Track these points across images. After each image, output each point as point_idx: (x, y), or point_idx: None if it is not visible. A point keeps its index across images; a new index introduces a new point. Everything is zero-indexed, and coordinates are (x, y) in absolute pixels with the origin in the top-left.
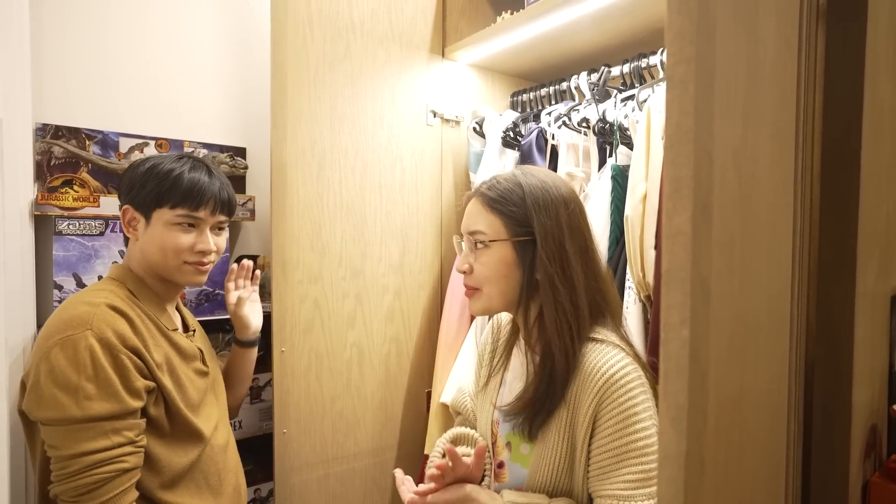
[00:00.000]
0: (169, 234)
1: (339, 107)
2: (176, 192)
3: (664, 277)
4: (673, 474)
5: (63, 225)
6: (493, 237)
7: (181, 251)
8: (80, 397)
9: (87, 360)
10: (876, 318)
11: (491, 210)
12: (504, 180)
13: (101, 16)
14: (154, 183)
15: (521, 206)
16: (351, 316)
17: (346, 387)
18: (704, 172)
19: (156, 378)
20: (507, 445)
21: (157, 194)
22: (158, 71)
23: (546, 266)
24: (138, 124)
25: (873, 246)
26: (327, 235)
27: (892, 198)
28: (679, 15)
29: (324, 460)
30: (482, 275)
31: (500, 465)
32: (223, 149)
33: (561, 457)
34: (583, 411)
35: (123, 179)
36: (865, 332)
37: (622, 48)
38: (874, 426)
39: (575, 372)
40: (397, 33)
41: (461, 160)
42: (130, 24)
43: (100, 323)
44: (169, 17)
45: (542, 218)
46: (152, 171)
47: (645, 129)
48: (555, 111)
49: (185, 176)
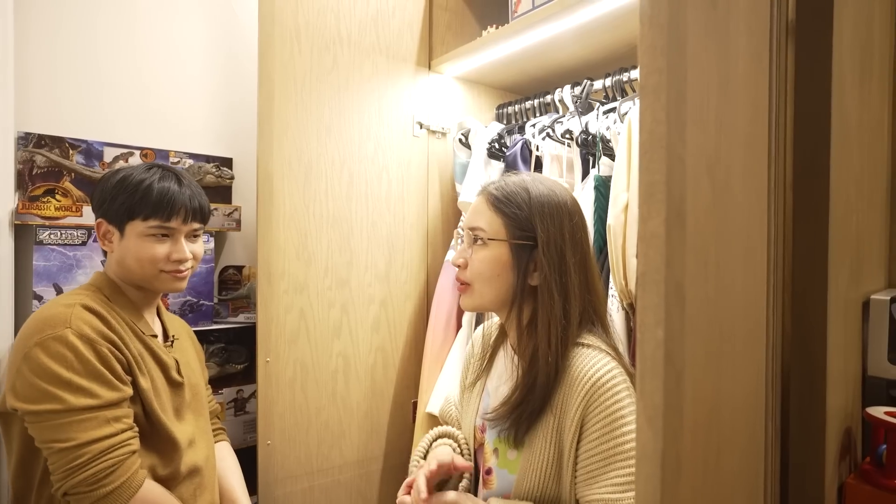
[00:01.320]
0: (144, 245)
1: (326, 118)
2: (146, 204)
3: (640, 280)
4: (649, 472)
5: (44, 234)
6: (491, 236)
7: (157, 261)
8: (74, 388)
9: (70, 355)
10: (849, 324)
11: (494, 209)
12: (512, 183)
13: (88, 24)
14: (125, 196)
15: (524, 210)
16: (337, 326)
17: (332, 397)
18: (677, 178)
19: (133, 374)
20: (495, 452)
21: (129, 207)
22: (145, 80)
23: (545, 273)
24: (123, 134)
25: (844, 253)
26: (313, 245)
27: (861, 207)
28: (651, 28)
29: (308, 472)
30: (476, 271)
31: (489, 471)
32: (209, 159)
33: (548, 462)
34: (570, 416)
35: (95, 193)
36: (839, 337)
37: (604, 62)
38: (849, 429)
39: (561, 377)
40: (384, 46)
41: (447, 171)
42: (118, 33)
43: (77, 321)
44: (157, 27)
45: (546, 224)
46: (122, 183)
47: (626, 140)
48: (539, 123)
49: (154, 186)
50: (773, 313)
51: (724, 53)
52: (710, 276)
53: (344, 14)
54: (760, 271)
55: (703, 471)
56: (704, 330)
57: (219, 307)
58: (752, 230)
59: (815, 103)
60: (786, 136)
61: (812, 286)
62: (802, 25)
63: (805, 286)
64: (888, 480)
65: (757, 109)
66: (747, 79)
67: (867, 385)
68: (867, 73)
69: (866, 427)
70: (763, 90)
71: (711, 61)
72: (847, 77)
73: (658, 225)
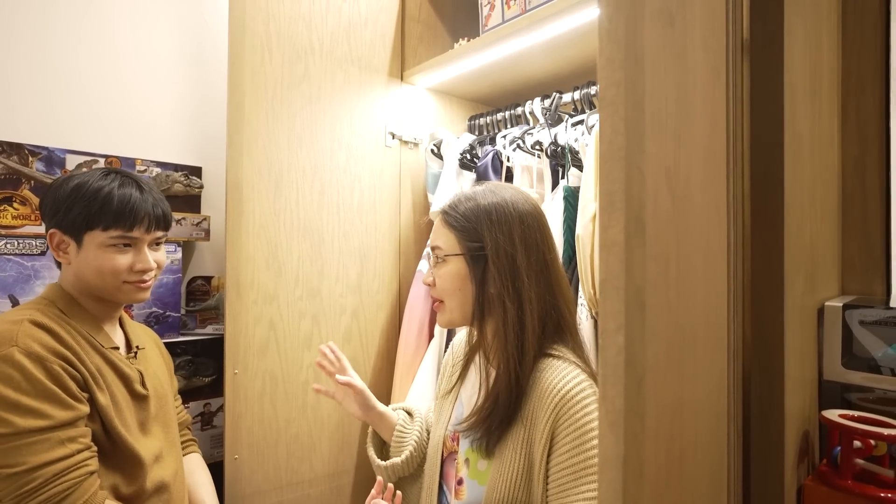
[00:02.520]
0: (104, 256)
1: (298, 127)
2: (107, 213)
3: (601, 287)
4: (611, 477)
5: (0, 244)
6: (448, 252)
7: (119, 272)
8: (23, 410)
9: (17, 375)
10: (805, 330)
11: (448, 226)
12: (464, 197)
13: (50, 29)
14: (82, 205)
15: (473, 222)
16: (307, 337)
17: (302, 409)
18: (636, 187)
19: (90, 390)
20: (466, 462)
21: (87, 216)
22: (111, 86)
23: (496, 280)
24: (88, 141)
25: (800, 262)
26: (284, 255)
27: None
28: (609, 43)
29: (277, 487)
30: (441, 288)
31: (460, 481)
32: (178, 167)
33: (518, 473)
34: (540, 428)
35: (46, 201)
36: (796, 342)
37: (573, 76)
38: (806, 432)
39: (529, 388)
40: (356, 56)
41: (419, 181)
42: (84, 37)
43: (24, 338)
44: (124, 33)
45: (493, 233)
46: (78, 191)
47: (594, 151)
48: (510, 134)
49: (114, 194)
50: (733, 319)
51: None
52: (670, 283)
53: (316, 24)
54: (721, 278)
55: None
56: (665, 335)
57: (186, 319)
58: (712, 239)
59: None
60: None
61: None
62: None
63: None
64: (842, 481)
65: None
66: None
67: (823, 389)
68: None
69: (823, 430)
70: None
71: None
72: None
73: (617, 233)
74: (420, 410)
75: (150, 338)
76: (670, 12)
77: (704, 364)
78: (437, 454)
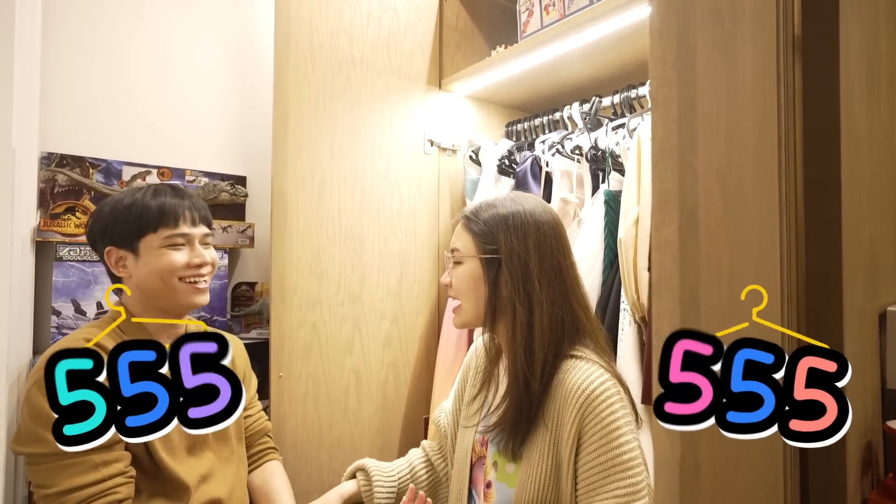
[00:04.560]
0: (161, 256)
1: (339, 136)
2: (151, 217)
3: (654, 287)
4: (669, 479)
5: (64, 251)
6: (464, 253)
7: (176, 269)
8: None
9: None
10: (865, 336)
11: (466, 229)
12: (486, 205)
13: (108, 48)
14: (126, 216)
15: (491, 226)
16: (349, 341)
17: (344, 413)
18: (689, 186)
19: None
20: (494, 465)
21: (136, 225)
22: (163, 102)
23: (508, 283)
24: (141, 153)
25: (858, 265)
26: (326, 261)
27: (873, 218)
28: (661, 42)
29: (320, 489)
30: (456, 288)
31: (488, 485)
32: (224, 177)
33: (546, 474)
34: (566, 428)
35: (92, 228)
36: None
37: (612, 80)
38: (869, 443)
39: (553, 389)
40: (395, 66)
41: (458, 187)
42: (137, 56)
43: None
44: (173, 52)
45: (508, 236)
46: (117, 207)
47: (636, 155)
48: (548, 139)
49: (150, 202)
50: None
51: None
52: (723, 284)
53: (357, 36)
54: (774, 281)
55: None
56: None
57: (231, 323)
58: (764, 239)
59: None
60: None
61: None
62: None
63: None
64: None
65: (766, 122)
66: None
67: (886, 398)
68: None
69: (887, 441)
70: (771, 104)
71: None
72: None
73: (671, 232)
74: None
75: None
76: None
77: None
78: (467, 459)
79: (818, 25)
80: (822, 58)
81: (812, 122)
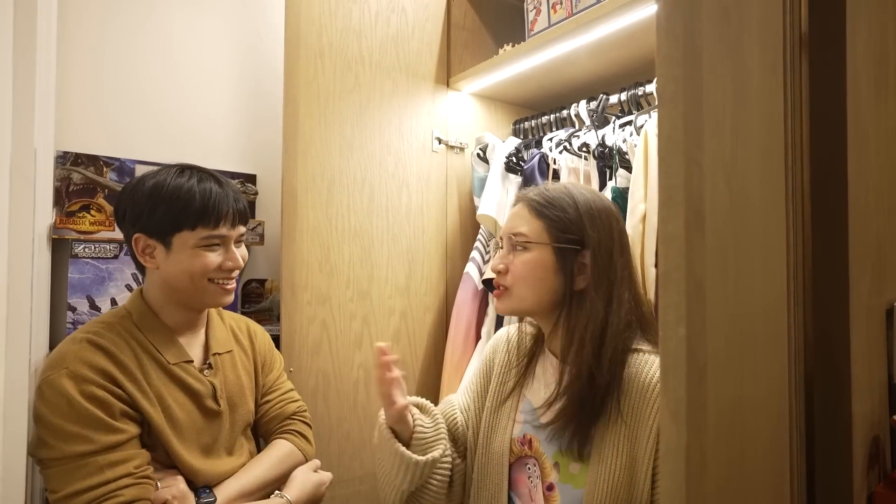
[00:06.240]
0: (195, 256)
1: (348, 134)
2: (192, 212)
3: (661, 279)
4: (674, 468)
5: (79, 248)
6: (533, 239)
7: (208, 271)
8: (66, 436)
9: (61, 401)
10: (872, 331)
11: (536, 215)
12: (554, 189)
13: (121, 48)
14: (164, 206)
15: (570, 213)
16: (358, 337)
17: (353, 408)
18: (695, 182)
19: (141, 409)
20: (556, 466)
21: (172, 218)
22: (175, 101)
23: (589, 276)
24: (154, 152)
25: (865, 261)
26: (335, 258)
27: (880, 214)
28: (667, 40)
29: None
30: (517, 275)
31: (550, 487)
32: (234, 175)
33: (620, 472)
34: (648, 424)
35: (122, 205)
36: (862, 344)
37: (619, 77)
38: (876, 437)
39: (624, 384)
40: (404, 65)
41: (465, 185)
42: (149, 56)
43: (74, 361)
44: (187, 50)
45: (596, 226)
46: (158, 192)
47: (643, 152)
48: (556, 137)
49: (195, 190)
50: (793, 318)
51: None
52: (729, 277)
53: (365, 35)
54: (780, 275)
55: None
56: (725, 330)
57: None
58: (770, 235)
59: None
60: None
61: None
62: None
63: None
64: None
65: (772, 119)
66: (762, 89)
67: (893, 393)
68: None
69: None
70: (778, 101)
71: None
72: (862, 86)
73: (677, 226)
74: (430, 404)
75: (242, 332)
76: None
77: (764, 362)
78: (503, 462)
79: (825, 23)
80: (829, 55)
81: (819, 118)
